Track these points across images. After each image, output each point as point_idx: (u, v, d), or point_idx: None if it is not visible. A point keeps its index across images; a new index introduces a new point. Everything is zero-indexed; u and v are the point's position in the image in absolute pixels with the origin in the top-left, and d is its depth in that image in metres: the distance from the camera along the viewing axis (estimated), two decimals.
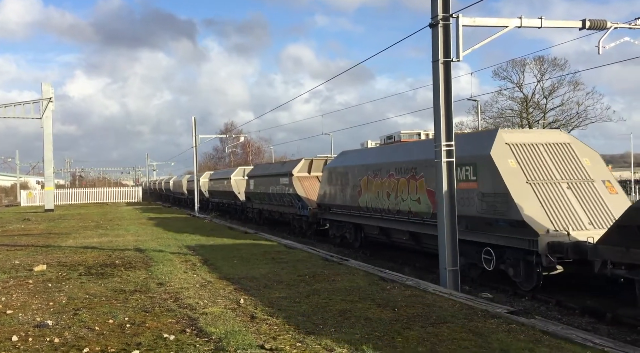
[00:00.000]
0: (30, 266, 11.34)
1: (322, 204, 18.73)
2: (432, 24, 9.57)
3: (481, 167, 10.75)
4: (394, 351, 5.45)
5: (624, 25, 11.17)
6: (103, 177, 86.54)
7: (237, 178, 32.02)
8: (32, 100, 36.32)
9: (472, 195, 10.91)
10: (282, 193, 22.61)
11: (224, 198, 35.47)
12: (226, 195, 34.17)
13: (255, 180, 27.31)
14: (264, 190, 25.10)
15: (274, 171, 24.60)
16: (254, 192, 27.36)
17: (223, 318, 6.80)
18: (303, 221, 21.18)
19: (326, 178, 18.52)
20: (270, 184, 24.25)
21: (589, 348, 5.50)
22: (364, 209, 15.68)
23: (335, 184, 17.79)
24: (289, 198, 21.98)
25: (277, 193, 23.28)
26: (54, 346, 5.84)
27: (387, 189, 14.49)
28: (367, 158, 16.56)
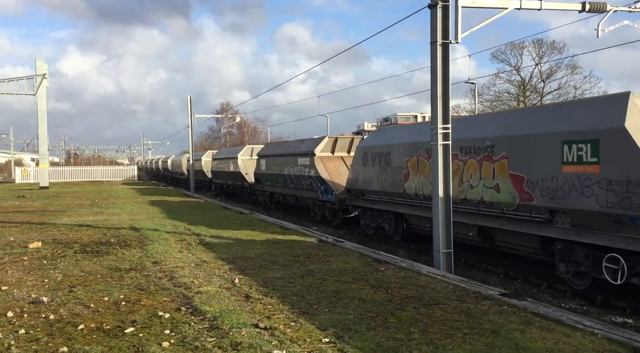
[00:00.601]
0: (25, 243, 11.35)
1: (354, 189, 15.82)
2: (432, 4, 9.46)
3: (607, 144, 7.99)
4: (386, 331, 5.51)
5: (623, 8, 11.09)
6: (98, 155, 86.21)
7: (245, 158, 29.15)
8: (26, 76, 35.92)
9: (589, 182, 8.23)
10: (301, 175, 19.98)
11: (229, 179, 32.46)
12: (232, 176, 31.17)
13: (267, 160, 24.41)
14: (278, 171, 22.56)
15: (290, 150, 21.79)
16: (265, 173, 24.62)
17: (218, 297, 6.85)
18: (327, 208, 18.57)
19: (360, 158, 15.43)
20: (286, 164, 21.61)
21: (579, 330, 5.58)
22: (411, 196, 12.95)
23: (371, 166, 14.85)
24: (309, 180, 19.41)
25: (295, 175, 20.67)
26: (49, 322, 5.88)
27: None
28: (417, 134, 13.20)
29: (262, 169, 25.08)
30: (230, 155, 31.71)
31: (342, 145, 19.67)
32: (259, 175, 25.58)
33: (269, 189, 24.75)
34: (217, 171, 35.30)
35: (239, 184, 30.26)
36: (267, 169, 24.30)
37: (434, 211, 9.76)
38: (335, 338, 5.29)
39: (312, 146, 19.60)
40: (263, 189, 25.53)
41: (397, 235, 14.26)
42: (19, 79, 35.57)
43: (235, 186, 31.65)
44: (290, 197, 22.17)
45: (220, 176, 34.73)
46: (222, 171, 33.70)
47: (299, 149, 20.79)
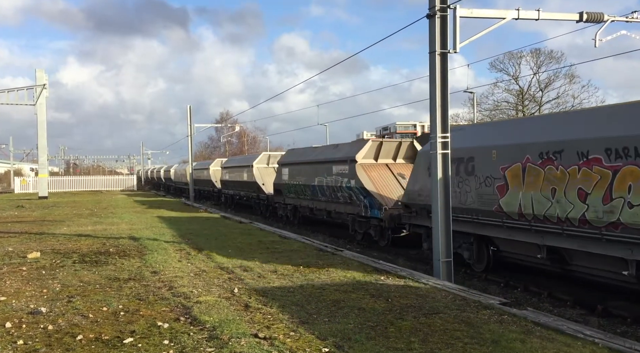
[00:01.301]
0: (23, 253, 11.32)
1: (414, 205, 12.83)
2: (430, 14, 9.53)
3: None
4: (386, 341, 5.49)
5: (620, 18, 11.18)
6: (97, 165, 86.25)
7: (261, 166, 26.28)
8: (26, 86, 36.02)
9: None
10: (336, 186, 16.97)
11: (242, 189, 29.09)
12: (245, 186, 28.00)
13: (290, 169, 21.25)
14: (305, 181, 19.56)
15: (322, 157, 18.70)
16: (288, 183, 21.36)
17: (217, 307, 6.82)
18: (372, 226, 15.31)
19: (423, 166, 12.25)
20: (317, 173, 18.61)
21: (579, 339, 5.56)
22: (510, 215, 9.95)
23: None
24: (347, 192, 16.42)
25: (328, 186, 17.66)
26: (47, 333, 5.85)
27: (578, 185, 8.55)
28: (523, 132, 10.14)
29: (284, 178, 21.92)
30: (243, 163, 28.78)
31: (388, 150, 16.64)
32: (280, 186, 22.43)
33: (292, 202, 21.44)
34: (227, 180, 32.19)
35: (253, 195, 27.06)
36: (290, 179, 21.18)
37: (433, 221, 9.75)
38: (335, 348, 5.26)
39: (352, 151, 16.54)
40: (285, 201, 22.18)
41: (480, 263, 11.26)
42: (19, 89, 35.68)
43: (249, 198, 28.20)
44: (320, 212, 19.00)
45: (231, 187, 31.65)
46: (233, 181, 30.54)
47: (334, 156, 17.80)
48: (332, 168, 17.41)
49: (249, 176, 26.99)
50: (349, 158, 16.46)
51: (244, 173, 27.93)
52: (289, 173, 21.50)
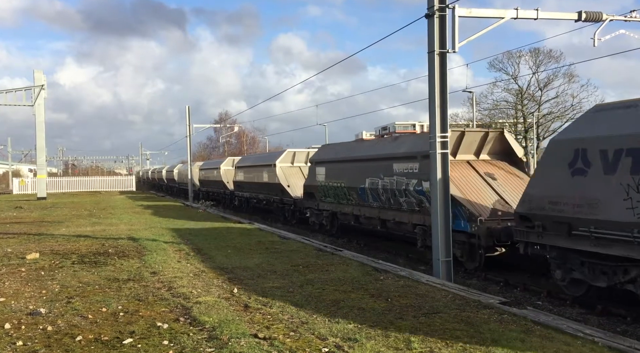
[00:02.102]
0: (22, 255, 11.30)
1: (542, 217, 8.95)
2: (428, 14, 9.53)
3: None
4: (386, 341, 5.48)
5: (619, 17, 11.18)
6: (96, 166, 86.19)
7: (284, 165, 23.04)
8: (24, 87, 35.99)
9: None
10: (399, 189, 13.43)
11: (260, 192, 25.69)
12: (265, 188, 24.61)
13: (328, 167, 17.70)
14: (350, 183, 15.94)
15: (376, 153, 15.11)
16: (324, 185, 17.84)
17: (216, 308, 6.81)
18: (455, 242, 10.83)
19: (558, 161, 8.72)
20: (367, 173, 14.90)
21: (579, 338, 5.56)
22: None
23: (601, 176, 7.91)
24: (416, 197, 12.78)
25: (385, 189, 14.00)
26: (47, 334, 5.84)
27: None
28: None
29: (319, 180, 18.29)
30: (263, 162, 25.37)
31: (470, 143, 13.07)
32: (313, 188, 18.95)
33: (329, 208, 17.75)
34: (242, 182, 28.71)
35: (275, 199, 23.55)
36: (328, 180, 17.55)
37: (433, 221, 9.75)
38: (335, 348, 5.26)
39: (422, 144, 12.26)
40: (319, 207, 18.60)
41: None
42: (17, 90, 35.66)
43: (269, 202, 24.58)
44: (370, 220, 15.44)
45: (247, 188, 28.09)
46: (250, 183, 27.12)
47: (395, 151, 14.07)
48: (393, 166, 13.64)
49: (270, 177, 23.63)
50: (420, 153, 12.45)
51: (264, 173, 24.48)
52: (325, 173, 17.85)
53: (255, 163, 27.21)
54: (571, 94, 47.26)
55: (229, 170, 32.83)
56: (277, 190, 23.13)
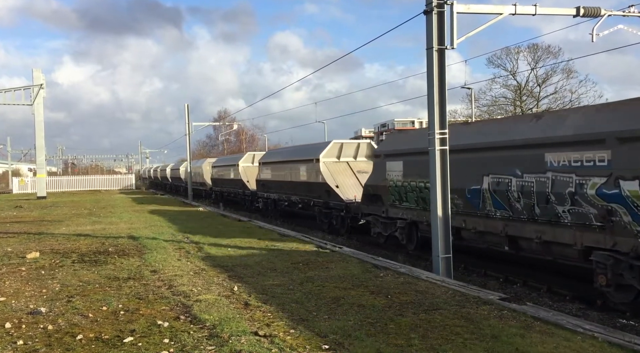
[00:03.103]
0: (22, 254, 11.31)
1: None
2: (427, 10, 9.52)
3: None
4: (386, 337, 5.49)
5: (617, 12, 11.17)
6: (96, 164, 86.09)
7: (329, 160, 18.58)
8: (23, 86, 35.95)
9: None
10: (558, 192, 8.89)
11: (294, 192, 21.12)
12: (302, 189, 20.23)
13: (408, 161, 13.08)
14: (452, 183, 9.95)
15: (509, 138, 10.12)
16: (400, 186, 13.28)
17: (217, 306, 6.82)
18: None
19: None
20: (487, 168, 10.46)
21: (579, 333, 5.57)
22: None
23: None
24: (597, 205, 8.24)
25: (526, 191, 9.52)
26: (47, 333, 5.85)
27: None
28: None
29: (391, 178, 13.64)
30: (298, 157, 20.96)
31: None
32: (381, 189, 14.08)
33: (406, 216, 13.11)
34: (268, 181, 24.28)
35: (318, 202, 18.73)
36: (406, 178, 13.00)
37: (432, 217, 9.76)
38: (335, 345, 5.27)
39: (612, 119, 8.22)
40: (388, 214, 13.92)
41: None
42: (16, 89, 35.62)
43: (308, 205, 19.85)
44: (484, 237, 10.88)
45: (274, 189, 23.50)
46: (279, 182, 22.70)
47: (550, 133, 9.24)
48: (546, 157, 9.15)
49: (311, 175, 19.20)
50: (613, 135, 8.01)
51: (302, 170, 20.06)
52: (403, 169, 13.26)
53: (288, 157, 22.17)
54: (570, 89, 47.27)
55: (249, 167, 28.44)
56: (320, 191, 18.49)
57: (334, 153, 18.96)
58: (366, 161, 18.90)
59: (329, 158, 18.78)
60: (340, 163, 18.85)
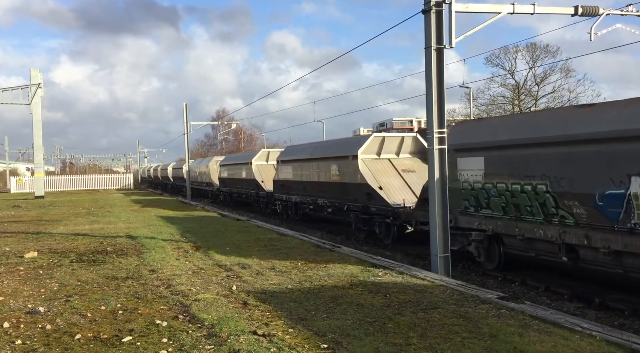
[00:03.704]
0: (21, 253, 11.29)
1: None
2: (425, 9, 9.52)
3: None
4: (385, 337, 5.50)
5: (615, 12, 11.18)
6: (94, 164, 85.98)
7: (369, 157, 15.78)
8: (21, 86, 35.87)
9: None
10: None
11: (318, 195, 18.24)
12: (330, 191, 17.38)
13: (492, 157, 10.40)
14: (568, 185, 8.64)
15: None
16: (480, 188, 10.62)
17: (215, 305, 6.82)
18: None
19: None
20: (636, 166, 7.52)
21: (577, 332, 5.58)
22: None
23: None
24: None
25: None
26: (46, 332, 5.84)
27: None
28: None
29: (469, 179, 10.89)
30: (328, 154, 17.63)
31: None
32: (452, 192, 10.23)
33: (487, 227, 10.48)
34: (288, 181, 21.01)
35: (355, 206, 15.87)
36: (490, 179, 10.34)
37: (430, 216, 9.76)
38: (334, 344, 5.27)
39: None
40: (457, 224, 11.14)
41: None
42: (13, 88, 35.53)
43: (340, 209, 17.00)
44: (621, 260, 8.09)
45: (295, 190, 20.32)
46: (302, 182, 19.51)
47: None
48: None
49: (345, 174, 16.34)
50: None
51: (335, 169, 17.04)
52: (486, 167, 10.55)
53: (315, 154, 18.52)
54: (568, 88, 47.31)
55: (264, 166, 25.92)
56: (358, 194, 15.50)
57: (374, 148, 16.01)
58: (411, 157, 16.47)
59: (368, 154, 15.81)
60: (382, 160, 15.87)
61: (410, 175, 15.28)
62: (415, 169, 15.36)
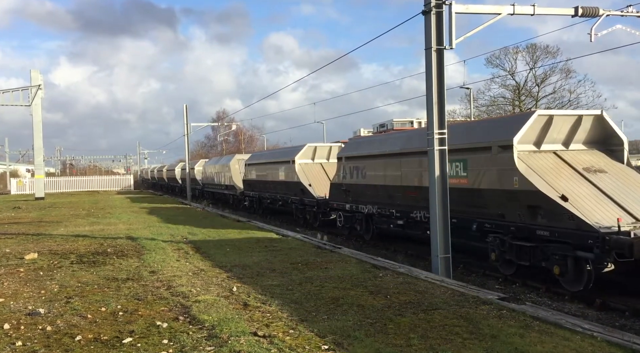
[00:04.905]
0: (21, 255, 11.29)
1: None
2: (425, 11, 9.52)
3: None
4: (386, 337, 5.49)
5: (616, 12, 11.17)
6: (94, 165, 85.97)
7: (528, 149, 10.24)
8: (21, 87, 35.89)
9: None
10: None
11: (407, 205, 13.09)
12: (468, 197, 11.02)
13: None
14: None
15: None
16: None
17: (216, 306, 6.81)
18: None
19: None
20: None
21: (578, 333, 5.57)
22: None
23: None
24: None
25: None
26: (46, 334, 5.83)
27: None
28: None
29: None
30: (415, 146, 12.72)
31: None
32: None
33: None
34: (360, 185, 15.57)
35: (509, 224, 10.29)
36: None
37: (431, 216, 9.76)
38: (335, 345, 5.26)
39: None
40: None
41: None
42: (14, 90, 35.55)
43: (412, 222, 12.93)
44: None
45: (369, 196, 15.09)
46: (384, 188, 14.23)
47: None
48: None
49: (504, 176, 10.36)
50: None
51: (416, 164, 12.75)
52: None
53: (409, 146, 13.23)
54: (568, 89, 47.31)
55: (309, 165, 20.41)
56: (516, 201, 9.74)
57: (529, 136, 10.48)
58: None
59: (526, 144, 10.43)
60: (545, 153, 10.86)
61: None
62: None
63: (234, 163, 30.18)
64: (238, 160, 30.28)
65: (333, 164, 19.11)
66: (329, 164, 20.26)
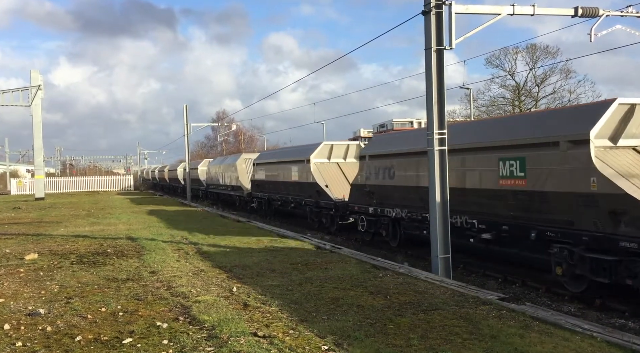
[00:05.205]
0: (21, 255, 11.29)
1: None
2: (425, 11, 9.53)
3: None
4: (386, 338, 5.49)
5: (615, 13, 11.18)
6: (94, 166, 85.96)
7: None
8: (21, 87, 35.88)
9: None
10: None
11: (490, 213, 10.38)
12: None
13: None
14: None
15: None
16: None
17: (216, 306, 6.82)
18: None
19: None
20: None
21: (578, 333, 5.58)
22: None
23: None
24: None
25: None
26: (46, 334, 5.84)
27: None
28: None
29: None
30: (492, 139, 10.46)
31: None
32: None
33: None
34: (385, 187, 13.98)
35: None
36: None
37: (430, 217, 9.77)
38: (335, 346, 5.27)
39: None
40: None
41: None
42: (14, 90, 35.55)
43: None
44: None
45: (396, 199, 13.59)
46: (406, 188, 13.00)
47: None
48: None
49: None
50: None
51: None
52: None
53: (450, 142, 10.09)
54: (568, 89, 47.31)
55: (325, 165, 18.77)
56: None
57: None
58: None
59: None
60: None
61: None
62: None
63: (241, 162, 28.41)
64: (245, 159, 28.52)
65: (350, 163, 18.21)
66: (346, 164, 18.80)
